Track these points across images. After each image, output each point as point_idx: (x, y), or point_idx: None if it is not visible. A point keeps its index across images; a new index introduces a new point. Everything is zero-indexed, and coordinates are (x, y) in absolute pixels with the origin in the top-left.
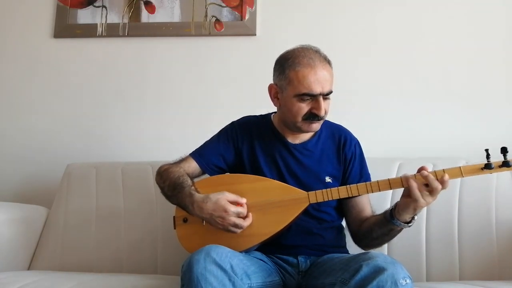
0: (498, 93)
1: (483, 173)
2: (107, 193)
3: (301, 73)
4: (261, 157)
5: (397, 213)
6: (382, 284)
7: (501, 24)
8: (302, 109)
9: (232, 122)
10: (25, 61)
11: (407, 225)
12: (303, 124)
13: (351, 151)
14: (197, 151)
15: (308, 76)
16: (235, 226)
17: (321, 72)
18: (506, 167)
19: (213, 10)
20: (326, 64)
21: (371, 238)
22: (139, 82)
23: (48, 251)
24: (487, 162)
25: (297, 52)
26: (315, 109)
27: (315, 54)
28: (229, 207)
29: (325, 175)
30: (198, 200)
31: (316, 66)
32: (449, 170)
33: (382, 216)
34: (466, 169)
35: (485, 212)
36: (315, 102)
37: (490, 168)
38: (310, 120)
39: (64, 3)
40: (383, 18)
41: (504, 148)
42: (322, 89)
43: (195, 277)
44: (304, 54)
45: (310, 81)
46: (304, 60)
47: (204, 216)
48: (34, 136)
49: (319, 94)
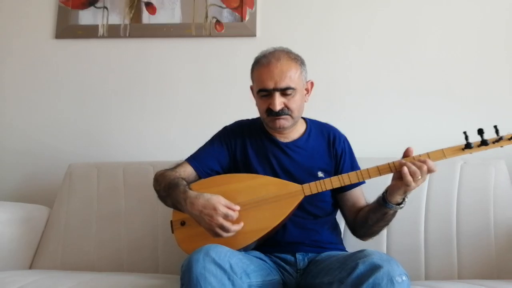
0: (498, 93)
1: (464, 153)
2: (108, 193)
3: (258, 71)
4: (254, 158)
5: (389, 196)
6: (378, 281)
7: (501, 24)
8: (262, 105)
9: (224, 126)
10: (26, 62)
11: (399, 207)
12: (269, 121)
13: (341, 147)
14: (192, 156)
15: (262, 73)
16: (221, 227)
17: (275, 69)
18: (484, 146)
19: (213, 11)
20: (287, 60)
21: (368, 226)
22: (140, 82)
23: (49, 250)
24: (466, 142)
25: (261, 54)
26: (270, 104)
27: (276, 53)
28: (219, 206)
29: (318, 170)
30: (191, 196)
31: (271, 63)
32: (432, 153)
33: (375, 202)
34: (448, 151)
35: (483, 212)
36: (271, 98)
37: (470, 147)
38: (271, 116)
39: (65, 4)
40: (384, 18)
41: (480, 129)
42: (275, 84)
43: (195, 276)
44: (263, 55)
45: (263, 77)
46: (263, 59)
47: (194, 212)
48: (36, 136)
49: (272, 89)
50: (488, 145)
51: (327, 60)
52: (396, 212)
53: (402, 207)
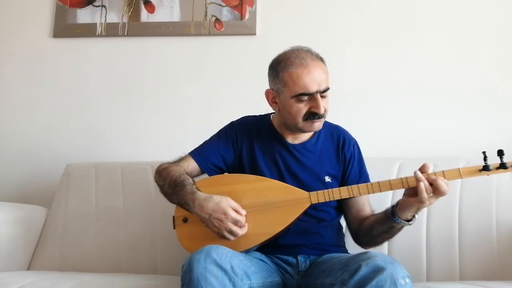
0: (498, 93)
1: (481, 174)
2: (106, 193)
3: (294, 73)
4: (260, 158)
5: (399, 211)
6: (381, 283)
7: (501, 23)
8: (301, 109)
9: (231, 122)
10: (24, 61)
11: (408, 223)
12: (305, 125)
13: (350, 151)
14: (196, 150)
15: (302, 76)
16: (230, 232)
17: (314, 70)
18: (503, 169)
19: (213, 9)
20: (319, 61)
21: (372, 236)
22: (138, 81)
23: (47, 251)
24: (485, 164)
25: (288, 54)
26: (314, 107)
27: (306, 53)
28: (229, 211)
29: (325, 175)
30: (201, 198)
31: (308, 65)
32: (448, 172)
33: (383, 214)
34: (464, 171)
35: (485, 212)
36: (313, 101)
37: (488, 169)
38: (311, 119)
39: (63, 3)
40: (384, 18)
41: (500, 150)
42: (318, 86)
43: (195, 277)
44: (295, 55)
45: (304, 80)
46: (296, 61)
47: (203, 215)
48: (34, 136)
49: (316, 92)
50: (507, 168)
51: (329, 59)
52: (403, 227)
53: (411, 224)
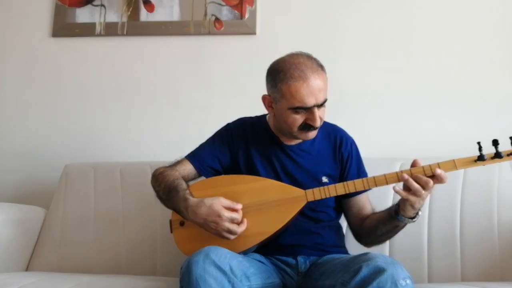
0: (499, 93)
1: (476, 165)
2: (105, 194)
3: (293, 87)
4: (257, 160)
5: (402, 210)
6: (382, 285)
7: (502, 23)
8: (296, 120)
9: (227, 124)
10: (23, 61)
11: (412, 220)
12: (299, 134)
13: (347, 150)
14: (192, 154)
15: (300, 90)
16: (228, 231)
17: (313, 83)
18: (498, 158)
19: (212, 8)
20: (319, 71)
21: (376, 235)
22: (138, 81)
23: (46, 252)
24: (480, 154)
25: (288, 64)
26: (310, 120)
27: (307, 63)
28: (223, 212)
29: (322, 175)
30: (193, 204)
31: (308, 78)
32: (443, 163)
33: (386, 213)
34: (459, 162)
35: (487, 213)
36: (310, 114)
37: (483, 159)
38: (305, 130)
39: (62, 2)
40: (385, 16)
41: (495, 140)
42: (316, 100)
43: (194, 278)
44: (295, 66)
45: (303, 94)
46: (296, 73)
47: (198, 221)
48: (32, 136)
49: (313, 106)
50: (502, 157)
51: (329, 59)
52: (407, 224)
53: (415, 220)
